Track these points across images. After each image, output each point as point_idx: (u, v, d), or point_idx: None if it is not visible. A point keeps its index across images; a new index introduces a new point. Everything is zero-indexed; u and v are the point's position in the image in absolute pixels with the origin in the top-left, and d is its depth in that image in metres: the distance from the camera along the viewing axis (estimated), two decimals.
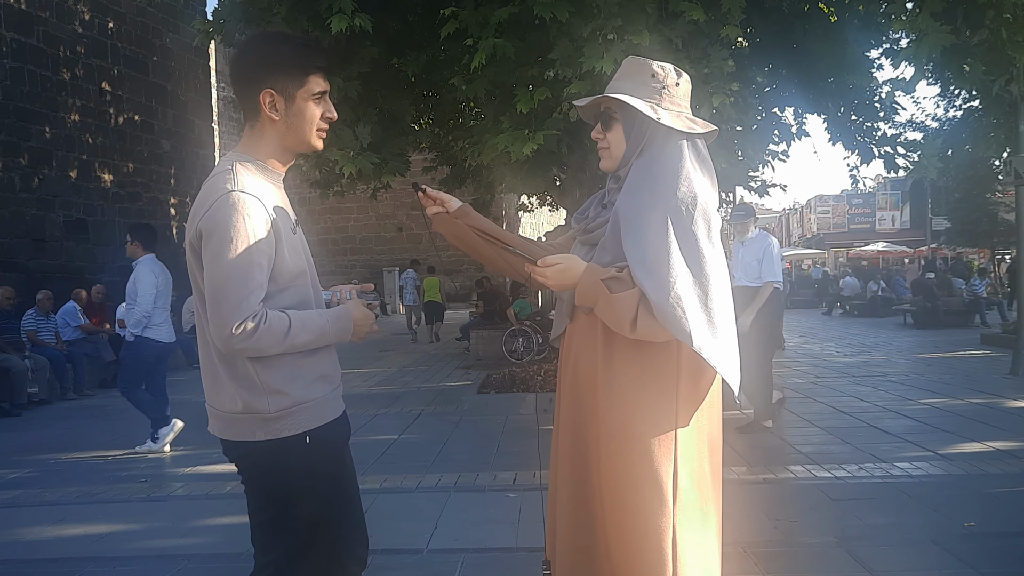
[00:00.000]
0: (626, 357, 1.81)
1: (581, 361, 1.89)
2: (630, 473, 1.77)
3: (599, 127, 1.93)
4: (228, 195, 1.73)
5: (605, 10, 5.10)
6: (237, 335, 1.69)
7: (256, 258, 1.71)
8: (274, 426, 1.79)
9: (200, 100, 16.65)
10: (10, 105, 11.43)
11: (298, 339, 1.76)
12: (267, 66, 1.81)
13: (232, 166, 1.81)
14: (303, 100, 1.83)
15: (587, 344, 1.88)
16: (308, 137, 1.87)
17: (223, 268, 1.70)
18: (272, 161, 1.89)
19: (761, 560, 3.34)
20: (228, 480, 4.77)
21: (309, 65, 1.82)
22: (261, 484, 1.88)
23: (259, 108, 1.82)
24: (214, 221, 1.72)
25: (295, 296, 1.85)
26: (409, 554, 3.56)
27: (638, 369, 1.80)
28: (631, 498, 1.77)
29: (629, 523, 1.77)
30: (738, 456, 5.24)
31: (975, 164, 23.17)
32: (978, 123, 13.11)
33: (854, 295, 21.54)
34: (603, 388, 1.82)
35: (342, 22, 5.15)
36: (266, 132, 1.86)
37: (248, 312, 1.70)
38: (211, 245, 1.72)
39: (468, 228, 2.06)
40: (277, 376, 1.79)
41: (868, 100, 7.00)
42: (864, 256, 34.64)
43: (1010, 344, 9.81)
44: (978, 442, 5.48)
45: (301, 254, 1.89)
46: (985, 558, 3.29)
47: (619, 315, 1.73)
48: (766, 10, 6.23)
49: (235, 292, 1.69)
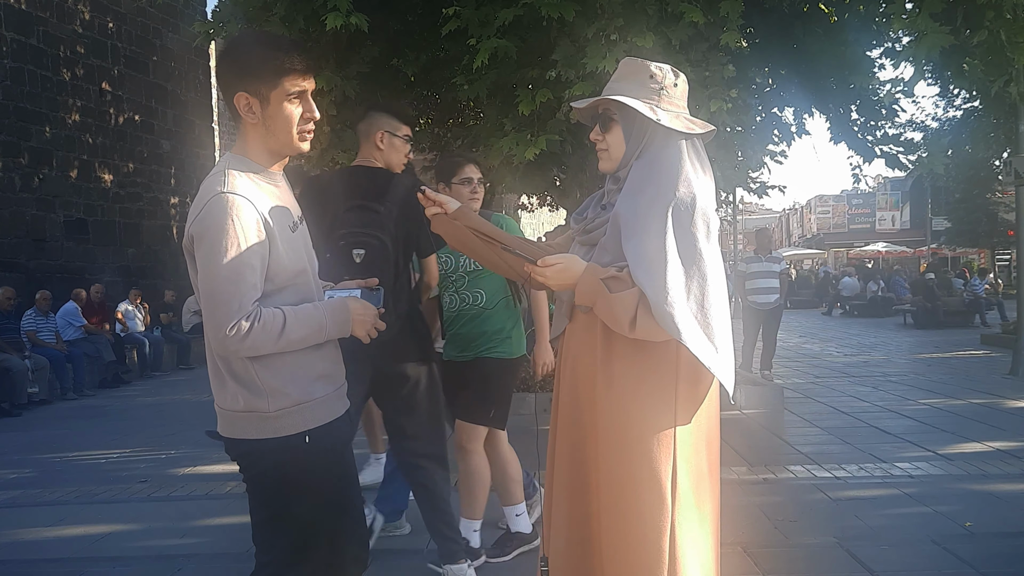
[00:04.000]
0: (625, 356, 1.81)
1: (580, 360, 1.90)
2: (629, 471, 1.78)
3: (597, 129, 1.93)
4: (217, 197, 1.73)
5: (608, 10, 5.10)
6: (232, 336, 1.70)
7: (247, 259, 1.71)
8: (274, 425, 1.80)
9: (200, 100, 16.65)
10: (10, 105, 11.43)
11: (294, 335, 1.76)
12: (238, 70, 1.81)
13: (226, 167, 1.82)
14: (278, 101, 1.81)
15: (586, 343, 1.88)
16: (289, 139, 1.84)
17: (214, 271, 1.70)
18: (264, 161, 1.88)
19: (761, 560, 3.34)
20: (228, 480, 4.77)
21: (281, 66, 1.79)
22: (262, 483, 1.88)
23: (238, 112, 1.83)
24: (204, 225, 1.73)
25: (295, 295, 1.84)
26: (409, 554, 3.57)
27: (637, 368, 1.81)
28: (630, 496, 1.77)
29: (627, 521, 1.77)
30: (738, 456, 5.25)
31: (975, 164, 23.17)
32: (978, 123, 13.13)
33: (854, 295, 21.54)
34: (602, 386, 1.82)
35: (337, 20, 5.14)
36: (249, 135, 1.85)
37: (241, 314, 1.70)
38: (203, 248, 1.73)
39: (466, 229, 2.06)
40: (276, 376, 1.79)
41: (870, 99, 7.00)
42: (866, 256, 34.64)
43: (1010, 344, 9.82)
44: (978, 442, 5.49)
45: (302, 252, 1.89)
46: (985, 558, 3.30)
47: (618, 315, 1.74)
48: (766, 10, 6.22)
49: (227, 294, 1.70)
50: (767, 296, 8.74)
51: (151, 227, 14.63)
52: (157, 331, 12.32)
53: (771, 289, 8.75)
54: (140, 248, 14.25)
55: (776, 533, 3.73)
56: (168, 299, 12.91)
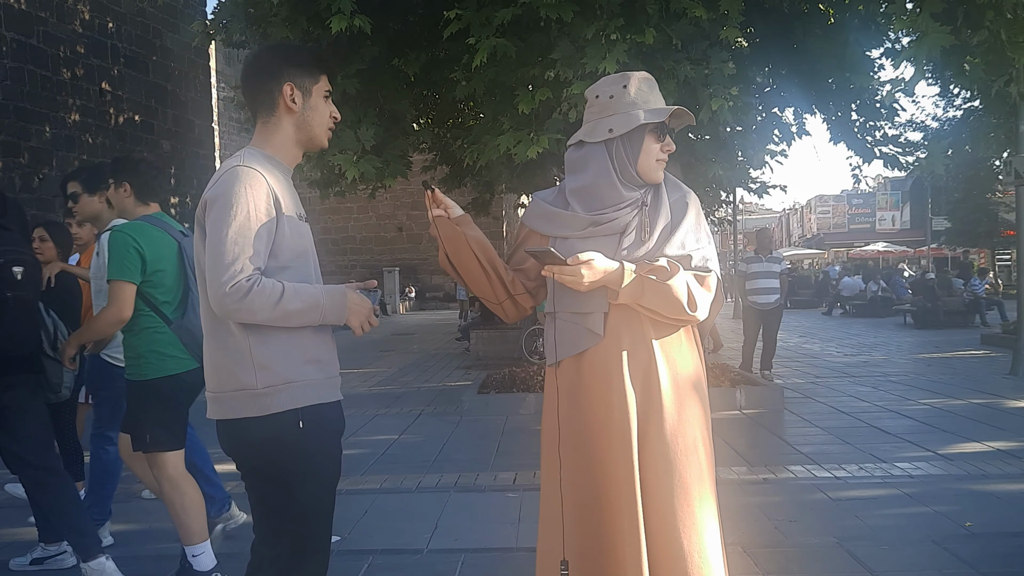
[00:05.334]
0: (675, 341, 1.98)
1: (634, 354, 1.95)
2: (688, 467, 1.91)
3: (670, 139, 2.02)
4: (234, 169, 1.86)
5: (608, 10, 5.10)
6: (230, 293, 1.76)
7: (254, 226, 1.80)
8: (263, 402, 1.84)
9: (200, 100, 16.65)
10: (10, 105, 11.43)
11: (290, 306, 1.82)
12: (288, 62, 1.97)
13: (244, 152, 1.95)
14: (318, 96, 1.99)
15: (637, 336, 1.95)
16: (320, 132, 2.02)
17: (222, 232, 1.79)
18: (283, 155, 2.00)
19: (761, 560, 3.34)
20: (228, 480, 4.76)
21: (322, 65, 2.00)
22: (261, 474, 1.90)
23: (277, 102, 1.95)
24: (218, 191, 1.84)
25: (296, 276, 1.91)
26: (409, 554, 3.57)
27: (688, 354, 1.99)
28: (693, 483, 1.91)
29: (692, 510, 1.89)
30: (738, 456, 5.25)
31: (975, 164, 23.20)
32: (978, 123, 13.13)
33: (854, 295, 21.53)
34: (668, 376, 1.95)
35: (341, 22, 5.16)
36: (282, 125, 1.98)
37: (243, 274, 1.77)
38: (214, 212, 1.82)
39: (464, 238, 2.06)
40: (268, 352, 1.84)
41: (870, 100, 7.00)
42: (866, 256, 34.64)
43: (1010, 344, 9.82)
44: (978, 442, 5.49)
45: (307, 240, 1.99)
46: (985, 558, 3.30)
47: (678, 300, 1.87)
48: (766, 10, 6.22)
49: (231, 255, 1.77)
50: (767, 296, 8.74)
51: None
52: None
53: (771, 289, 8.75)
54: None
55: (776, 533, 3.73)
56: None
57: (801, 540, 3.64)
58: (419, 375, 10.51)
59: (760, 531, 3.73)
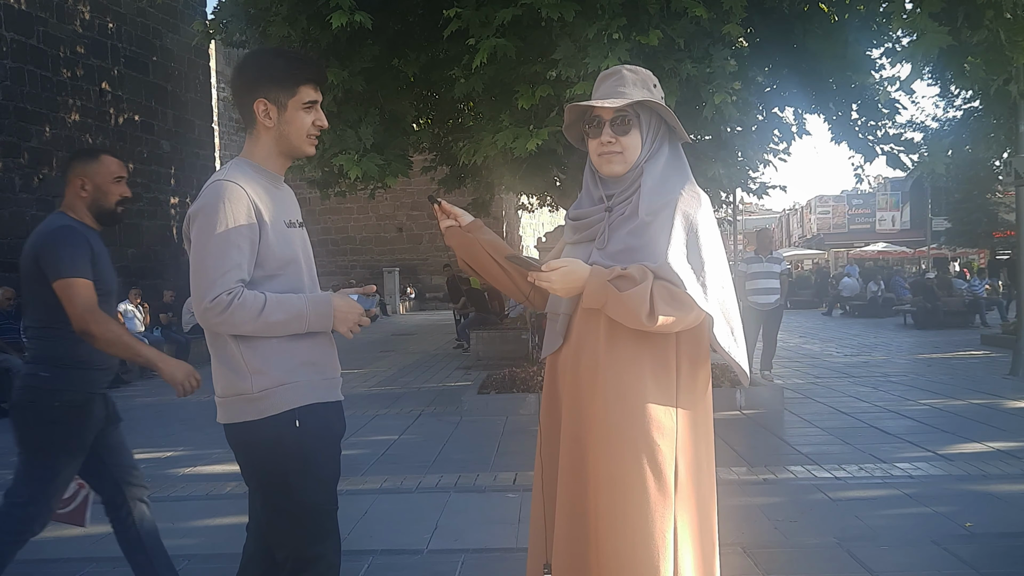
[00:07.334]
0: (628, 350, 1.85)
1: (582, 359, 1.90)
2: (633, 465, 1.80)
3: (610, 131, 1.92)
4: (215, 183, 1.89)
5: (609, 10, 5.10)
6: (212, 308, 1.80)
7: (234, 239, 1.83)
8: (259, 405, 1.87)
9: (200, 100, 16.65)
10: (10, 105, 11.43)
11: (273, 317, 1.84)
12: (261, 78, 1.95)
13: (230, 164, 1.98)
14: (294, 109, 1.96)
15: (588, 342, 1.90)
16: (300, 143, 2.00)
17: (203, 245, 1.83)
18: (269, 164, 2.01)
19: (761, 560, 3.33)
20: (228, 480, 4.77)
21: (300, 77, 1.95)
22: (263, 475, 1.92)
23: (254, 117, 1.96)
24: (198, 206, 1.88)
25: (285, 284, 1.93)
26: (409, 554, 3.56)
27: (639, 363, 1.85)
28: (632, 490, 1.80)
29: (628, 515, 1.79)
30: (738, 456, 5.24)
31: (975, 164, 23.19)
32: (978, 123, 13.12)
33: (854, 295, 21.53)
34: (607, 382, 1.85)
35: (342, 18, 5.16)
36: (261, 138, 1.99)
37: (223, 288, 1.80)
38: (195, 226, 1.86)
39: (478, 243, 2.11)
40: (259, 357, 1.88)
41: (871, 99, 7.00)
42: (867, 256, 34.63)
43: (1010, 344, 9.82)
44: (978, 442, 5.49)
45: (296, 247, 1.99)
46: (985, 558, 3.30)
47: (635, 309, 1.76)
48: (767, 10, 6.22)
49: (212, 269, 1.81)
50: (767, 296, 8.73)
51: (151, 227, 14.62)
52: (157, 331, 12.30)
53: (771, 289, 8.74)
54: (140, 248, 14.25)
55: (776, 533, 3.73)
56: (167, 299, 12.90)
57: (801, 540, 3.63)
58: (419, 375, 10.50)
59: (760, 531, 3.72)
